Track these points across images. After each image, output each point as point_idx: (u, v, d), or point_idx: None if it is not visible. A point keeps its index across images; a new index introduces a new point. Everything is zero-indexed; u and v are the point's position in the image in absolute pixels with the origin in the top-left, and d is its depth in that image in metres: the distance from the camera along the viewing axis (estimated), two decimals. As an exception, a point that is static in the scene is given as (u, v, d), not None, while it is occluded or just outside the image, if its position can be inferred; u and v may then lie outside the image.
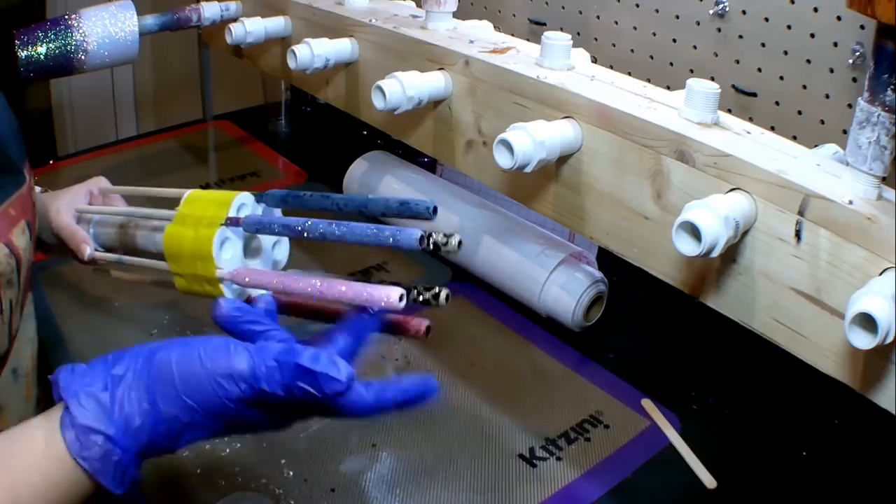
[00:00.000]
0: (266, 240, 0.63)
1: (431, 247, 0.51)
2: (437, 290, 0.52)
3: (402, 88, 0.76)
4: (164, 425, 0.46)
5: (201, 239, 0.59)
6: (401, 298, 0.50)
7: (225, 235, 0.59)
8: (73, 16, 0.95)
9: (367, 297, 0.50)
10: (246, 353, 0.46)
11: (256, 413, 0.47)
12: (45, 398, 0.60)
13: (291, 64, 0.88)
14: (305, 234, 0.56)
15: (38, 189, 0.80)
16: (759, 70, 0.85)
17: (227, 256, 0.59)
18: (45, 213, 0.74)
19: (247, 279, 0.57)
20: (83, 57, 0.96)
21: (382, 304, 0.50)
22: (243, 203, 0.60)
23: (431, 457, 0.77)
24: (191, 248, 0.59)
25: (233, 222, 0.59)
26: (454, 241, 0.52)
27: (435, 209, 0.52)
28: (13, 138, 0.60)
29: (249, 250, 0.63)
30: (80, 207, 0.75)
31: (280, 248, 0.65)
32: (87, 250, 0.72)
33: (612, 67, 0.82)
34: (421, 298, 0.52)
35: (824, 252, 0.53)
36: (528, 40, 0.83)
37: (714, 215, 0.53)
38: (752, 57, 0.85)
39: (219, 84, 1.53)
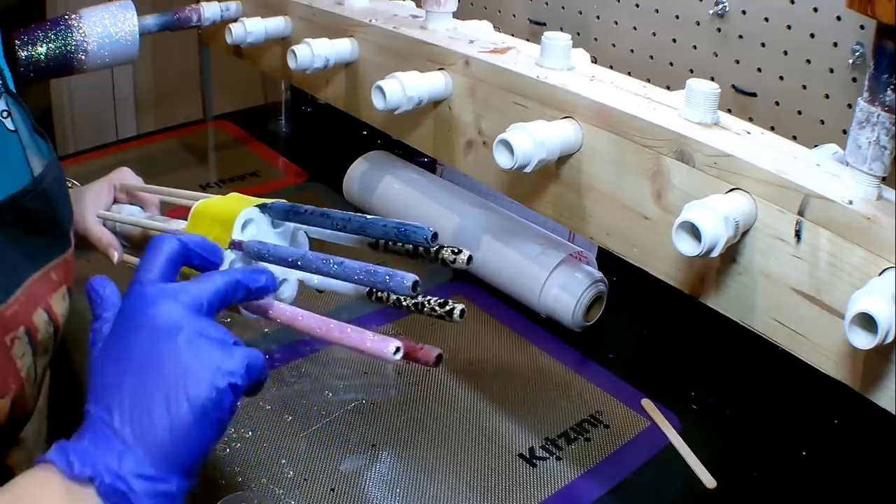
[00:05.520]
0: (274, 269, 0.59)
1: (440, 263, 0.52)
2: (451, 305, 0.52)
3: (402, 88, 0.76)
4: None
5: None
6: (396, 351, 0.48)
7: (230, 260, 0.57)
8: (73, 16, 0.95)
9: (369, 347, 0.48)
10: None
11: None
12: (56, 433, 0.59)
13: (291, 64, 0.88)
14: (299, 263, 0.54)
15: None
16: (759, 70, 0.85)
17: None
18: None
19: (258, 307, 0.54)
20: (83, 57, 0.96)
21: (382, 354, 0.48)
22: (250, 218, 0.58)
23: (431, 457, 0.77)
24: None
25: (236, 246, 0.56)
26: (462, 258, 0.52)
27: (435, 235, 0.50)
28: (64, 204, 0.60)
29: None
30: (101, 214, 0.74)
31: (287, 286, 0.60)
32: (115, 256, 0.72)
33: (612, 67, 0.82)
34: (434, 313, 0.52)
35: (824, 252, 0.53)
36: (528, 40, 0.83)
37: (714, 215, 0.53)
38: (752, 57, 0.85)
39: (219, 84, 1.53)
